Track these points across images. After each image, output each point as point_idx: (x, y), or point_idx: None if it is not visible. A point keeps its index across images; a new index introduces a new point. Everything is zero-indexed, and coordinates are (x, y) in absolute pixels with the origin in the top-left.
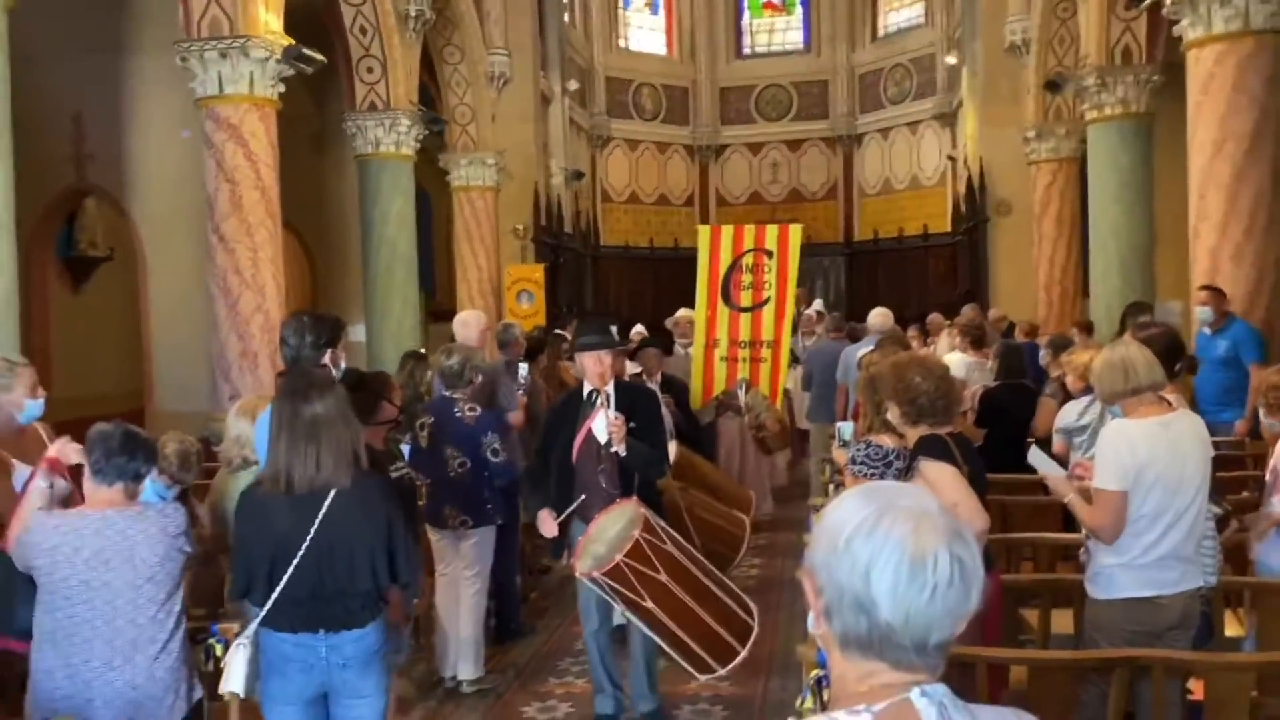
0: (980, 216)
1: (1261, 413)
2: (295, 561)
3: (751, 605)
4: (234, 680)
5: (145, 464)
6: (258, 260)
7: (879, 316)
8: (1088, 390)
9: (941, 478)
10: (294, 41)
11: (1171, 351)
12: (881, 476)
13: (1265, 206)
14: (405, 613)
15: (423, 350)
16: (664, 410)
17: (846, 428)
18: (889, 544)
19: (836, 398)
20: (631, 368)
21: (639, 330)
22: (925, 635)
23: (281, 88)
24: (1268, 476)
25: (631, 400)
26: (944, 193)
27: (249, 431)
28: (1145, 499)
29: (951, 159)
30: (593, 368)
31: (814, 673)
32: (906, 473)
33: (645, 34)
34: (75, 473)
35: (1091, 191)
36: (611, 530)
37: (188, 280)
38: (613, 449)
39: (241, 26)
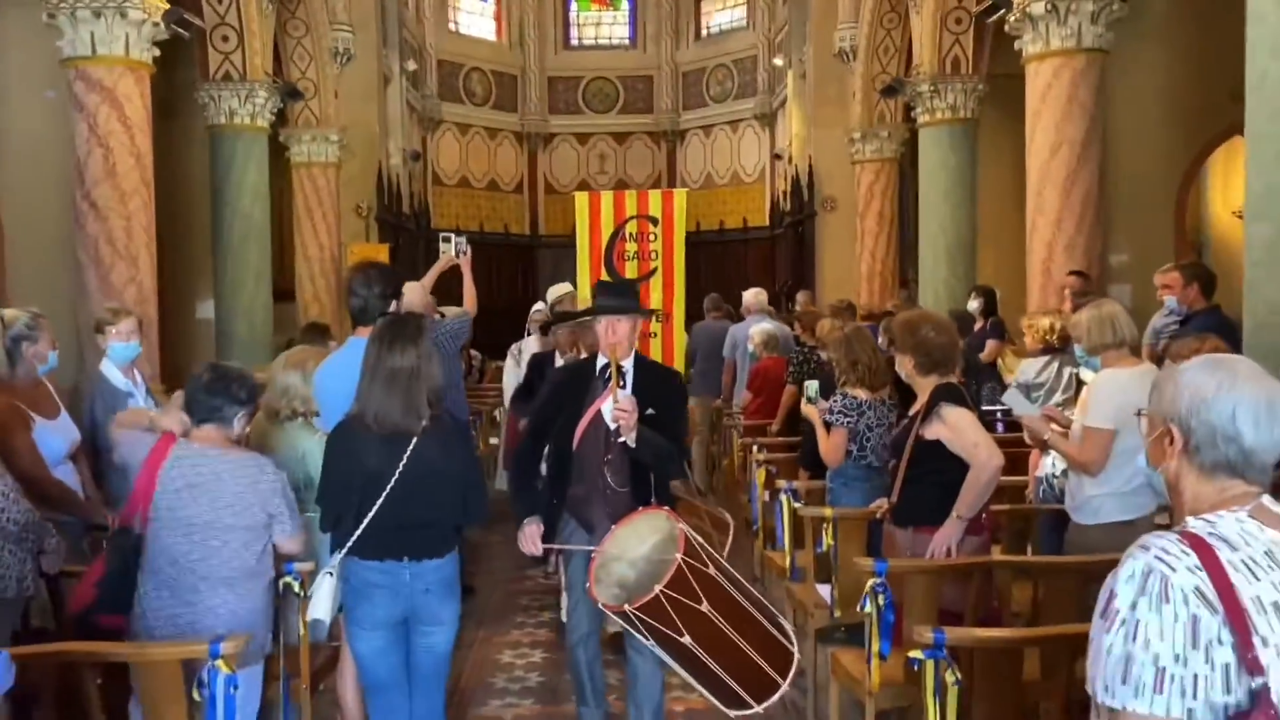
0: (807, 211)
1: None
2: (384, 495)
3: (789, 628)
4: (320, 607)
5: (231, 404)
6: (131, 229)
7: (754, 296)
8: (1046, 350)
9: (962, 420)
10: (169, 5)
11: None
12: (856, 423)
13: (1093, 204)
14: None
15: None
16: None
17: (812, 385)
18: (1247, 393)
19: (723, 373)
20: (533, 345)
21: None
22: (1272, 457)
23: (157, 52)
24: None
25: (652, 381)
26: (763, 189)
27: (298, 384)
28: (1130, 436)
29: (778, 157)
30: (606, 335)
31: (871, 581)
32: (896, 418)
33: (476, 19)
34: None
35: (922, 190)
36: (638, 548)
37: (51, 249)
38: (620, 438)
39: None
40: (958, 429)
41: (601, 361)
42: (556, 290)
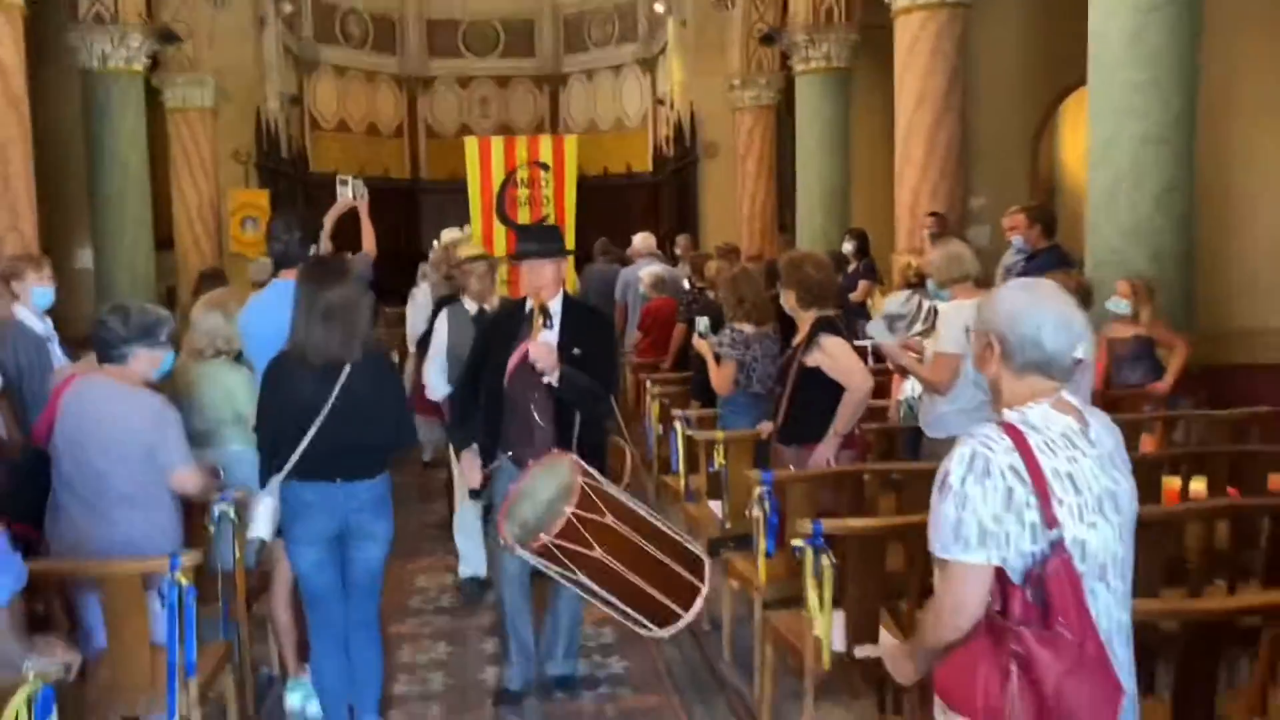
0: (690, 157)
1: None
2: (318, 422)
3: (703, 558)
4: (261, 528)
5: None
6: (8, 176)
7: (643, 240)
8: (907, 285)
9: (838, 348)
10: None
11: None
12: (744, 354)
13: (955, 152)
14: None
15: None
16: None
17: (703, 322)
18: (1050, 310)
19: (615, 315)
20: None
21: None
22: (1069, 360)
23: None
24: None
25: (581, 323)
26: (646, 135)
27: (221, 324)
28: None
29: (660, 103)
30: (530, 279)
31: (758, 489)
32: (779, 349)
33: None
34: None
35: (799, 139)
36: (543, 491)
37: None
38: (545, 378)
39: None
40: (835, 356)
41: (529, 304)
42: (450, 234)
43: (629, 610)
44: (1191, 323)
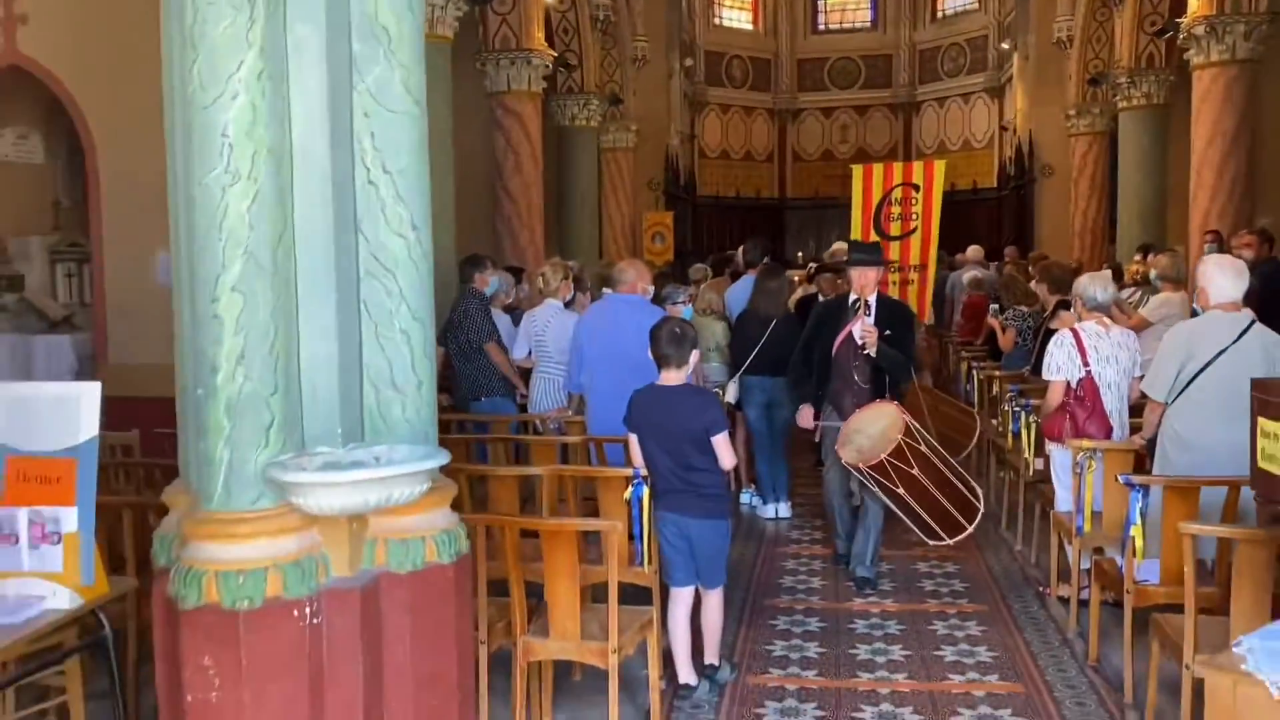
0: (1027, 178)
1: None
2: (758, 347)
3: (979, 490)
4: (730, 396)
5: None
6: (531, 212)
7: (974, 251)
8: (1134, 283)
9: (1069, 318)
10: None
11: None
12: (1020, 324)
13: (1240, 185)
14: None
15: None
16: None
17: (994, 307)
18: (1096, 280)
19: (945, 308)
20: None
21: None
22: (1103, 305)
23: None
24: None
25: (889, 312)
26: (991, 155)
27: (714, 297)
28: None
29: (1004, 128)
30: (858, 280)
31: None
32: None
33: (735, 12)
34: None
35: (1121, 165)
36: (873, 426)
37: (479, 221)
38: (865, 350)
39: None
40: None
41: (852, 297)
42: (835, 247)
43: (928, 519)
44: None
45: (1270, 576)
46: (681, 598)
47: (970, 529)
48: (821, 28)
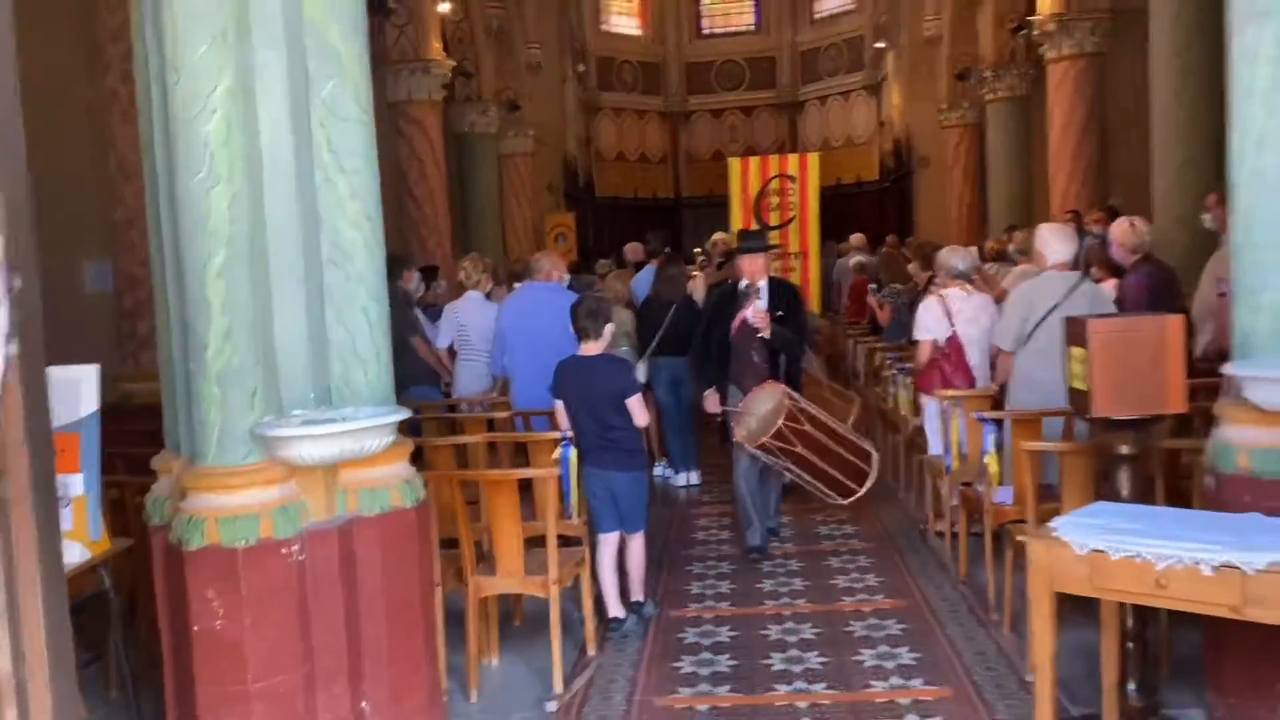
0: (906, 170)
1: None
2: (661, 329)
3: (871, 452)
4: (640, 376)
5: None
6: (438, 215)
7: (857, 239)
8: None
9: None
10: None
11: None
12: (894, 301)
13: (1093, 168)
14: None
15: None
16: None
17: (871, 287)
18: (954, 252)
19: (831, 292)
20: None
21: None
22: (964, 272)
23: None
24: None
25: (779, 293)
26: (872, 149)
27: (618, 285)
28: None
29: (882, 123)
30: (748, 267)
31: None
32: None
33: (623, 18)
34: None
35: (990, 153)
36: (761, 408)
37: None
38: (760, 334)
39: None
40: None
41: (743, 283)
42: (715, 236)
43: (819, 486)
44: None
45: (1090, 482)
46: (608, 542)
47: (861, 491)
48: (706, 31)
